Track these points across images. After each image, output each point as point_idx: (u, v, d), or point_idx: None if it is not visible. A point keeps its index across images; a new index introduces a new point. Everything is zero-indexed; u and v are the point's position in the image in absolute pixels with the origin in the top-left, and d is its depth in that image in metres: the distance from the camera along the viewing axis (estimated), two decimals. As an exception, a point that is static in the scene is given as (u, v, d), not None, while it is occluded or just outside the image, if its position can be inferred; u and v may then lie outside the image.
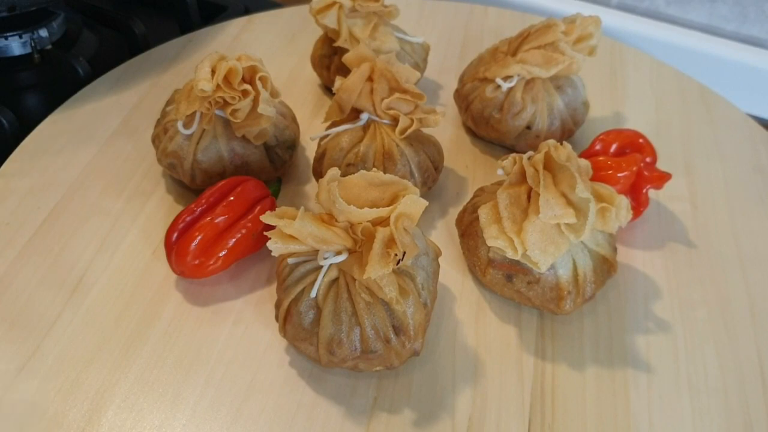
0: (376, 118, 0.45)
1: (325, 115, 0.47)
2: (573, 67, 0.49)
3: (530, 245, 0.38)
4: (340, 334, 0.35)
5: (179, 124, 0.45)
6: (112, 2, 0.77)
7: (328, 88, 0.60)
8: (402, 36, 0.57)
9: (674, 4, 0.76)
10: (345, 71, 0.47)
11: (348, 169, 0.45)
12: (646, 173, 0.46)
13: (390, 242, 0.33)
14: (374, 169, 0.41)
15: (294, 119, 0.51)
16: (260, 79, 0.43)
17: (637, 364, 0.40)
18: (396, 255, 0.33)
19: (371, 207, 0.34)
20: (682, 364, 0.41)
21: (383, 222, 0.34)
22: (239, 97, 0.43)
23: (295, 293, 0.37)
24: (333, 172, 0.35)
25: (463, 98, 0.54)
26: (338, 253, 0.35)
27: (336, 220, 0.35)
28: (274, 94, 0.46)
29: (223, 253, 0.41)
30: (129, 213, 0.48)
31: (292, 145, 0.49)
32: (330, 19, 0.53)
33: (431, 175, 0.47)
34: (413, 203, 0.34)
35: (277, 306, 0.38)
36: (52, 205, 0.48)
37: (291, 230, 0.34)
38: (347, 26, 0.53)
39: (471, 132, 0.56)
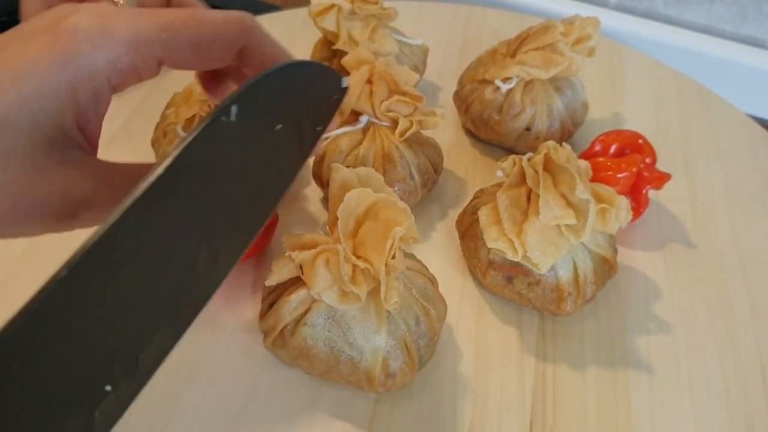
0: (376, 121, 0.45)
1: (325, 118, 0.47)
2: (572, 69, 0.49)
3: (530, 246, 0.38)
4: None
5: (179, 128, 0.45)
6: (111, 6, 0.77)
7: (327, 91, 0.60)
8: (401, 38, 0.57)
9: (673, 5, 0.76)
10: (344, 74, 0.47)
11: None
12: (645, 174, 0.46)
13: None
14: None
15: (293, 122, 0.51)
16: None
17: (638, 364, 0.40)
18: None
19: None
20: (683, 365, 0.41)
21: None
22: (238, 100, 0.43)
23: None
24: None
25: (462, 100, 0.54)
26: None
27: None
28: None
29: (223, 256, 0.41)
30: (129, 216, 0.48)
31: (291, 147, 0.49)
32: (329, 22, 0.53)
33: (431, 177, 0.47)
34: None
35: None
36: (52, 209, 0.48)
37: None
38: (346, 29, 0.53)
39: (470, 134, 0.56)
